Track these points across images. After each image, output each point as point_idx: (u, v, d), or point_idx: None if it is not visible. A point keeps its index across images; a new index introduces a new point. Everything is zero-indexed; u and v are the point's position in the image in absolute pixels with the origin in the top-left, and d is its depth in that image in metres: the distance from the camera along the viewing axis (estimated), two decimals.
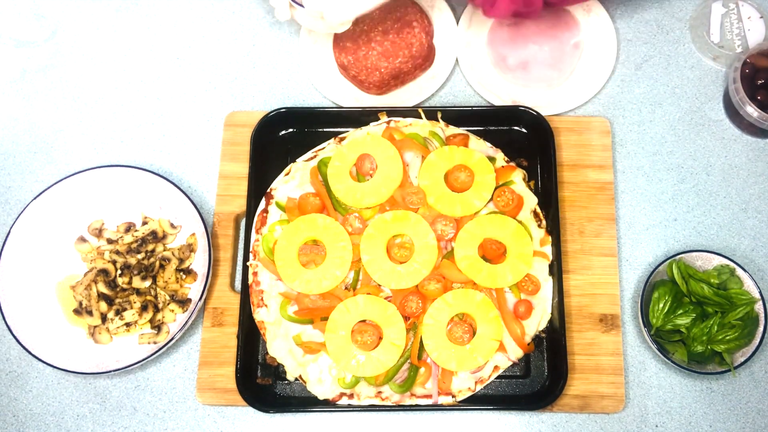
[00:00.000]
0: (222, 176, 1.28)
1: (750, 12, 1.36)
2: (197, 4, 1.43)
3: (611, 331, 1.19)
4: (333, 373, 1.14)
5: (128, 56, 1.40)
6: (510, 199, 1.19)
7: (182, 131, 1.35)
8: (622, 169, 1.29)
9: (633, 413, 1.17)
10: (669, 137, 1.31)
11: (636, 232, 1.26)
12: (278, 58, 1.39)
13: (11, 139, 1.36)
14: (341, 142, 1.25)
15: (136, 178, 1.24)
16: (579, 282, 1.21)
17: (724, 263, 1.17)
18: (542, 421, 1.17)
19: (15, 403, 1.21)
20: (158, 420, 1.19)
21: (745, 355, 1.13)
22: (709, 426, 1.17)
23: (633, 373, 1.19)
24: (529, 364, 1.18)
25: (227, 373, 1.18)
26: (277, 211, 1.22)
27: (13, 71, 1.40)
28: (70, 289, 1.22)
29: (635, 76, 1.35)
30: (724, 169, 1.29)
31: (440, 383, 1.13)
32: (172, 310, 1.21)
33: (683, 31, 1.38)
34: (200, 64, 1.39)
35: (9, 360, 1.23)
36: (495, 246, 1.16)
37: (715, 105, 1.33)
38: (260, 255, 1.19)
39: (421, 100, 1.32)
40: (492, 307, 1.14)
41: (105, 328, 1.20)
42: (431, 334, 1.13)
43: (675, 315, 1.15)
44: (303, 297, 1.16)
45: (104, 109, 1.37)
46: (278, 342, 1.15)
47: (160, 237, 1.25)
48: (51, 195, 1.22)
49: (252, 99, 1.37)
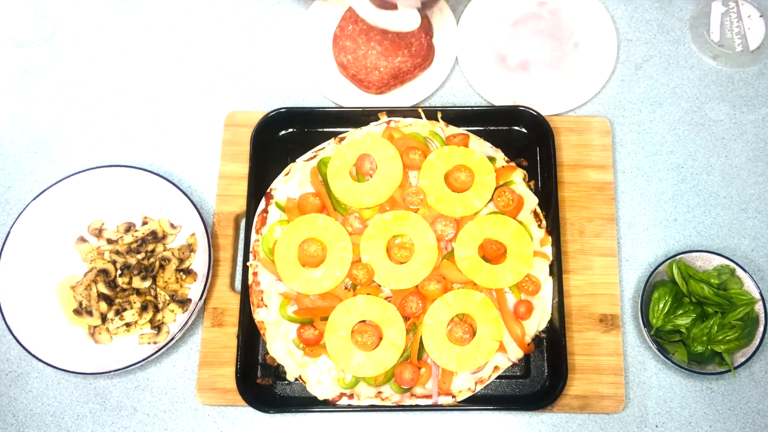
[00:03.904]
0: (222, 176, 1.28)
1: (750, 11, 1.36)
2: (197, 4, 1.43)
3: (611, 331, 1.19)
4: (333, 374, 1.14)
5: (128, 56, 1.40)
6: (510, 199, 1.19)
7: (182, 131, 1.35)
8: (622, 169, 1.29)
9: (633, 413, 1.17)
10: (669, 137, 1.31)
11: (636, 232, 1.26)
12: (278, 58, 1.39)
13: (11, 139, 1.36)
14: (341, 142, 1.25)
15: (136, 178, 1.24)
16: (579, 282, 1.21)
17: (724, 263, 1.17)
18: (542, 421, 1.17)
19: (15, 403, 1.21)
20: (158, 420, 1.19)
21: (745, 355, 1.13)
22: (709, 426, 1.17)
23: (633, 373, 1.19)
24: (529, 365, 1.18)
25: (227, 373, 1.18)
26: (277, 211, 1.22)
27: (13, 71, 1.40)
28: (70, 289, 1.22)
29: (635, 76, 1.35)
30: (724, 169, 1.29)
31: (440, 383, 1.13)
32: (172, 310, 1.21)
33: (683, 31, 1.38)
34: (200, 64, 1.39)
35: (9, 360, 1.23)
36: (495, 246, 1.16)
37: (715, 105, 1.33)
38: (260, 255, 1.19)
39: (420, 99, 1.32)
40: (492, 308, 1.14)
41: (105, 328, 1.20)
42: (431, 334, 1.13)
43: (675, 315, 1.15)
44: (303, 297, 1.16)
45: (104, 109, 1.37)
46: (278, 343, 1.15)
47: (160, 237, 1.25)
48: (51, 195, 1.22)
49: (252, 99, 1.36)
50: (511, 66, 1.33)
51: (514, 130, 1.29)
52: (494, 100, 1.32)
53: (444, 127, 1.25)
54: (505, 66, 1.33)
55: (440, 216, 1.18)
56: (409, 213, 1.18)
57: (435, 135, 1.23)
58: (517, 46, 1.32)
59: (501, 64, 1.34)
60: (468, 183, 1.20)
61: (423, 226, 1.17)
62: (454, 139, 1.23)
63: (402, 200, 1.20)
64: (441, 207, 1.18)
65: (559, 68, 1.32)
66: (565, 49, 1.32)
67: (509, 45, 1.33)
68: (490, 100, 1.32)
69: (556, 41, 1.32)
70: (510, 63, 1.33)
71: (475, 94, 1.34)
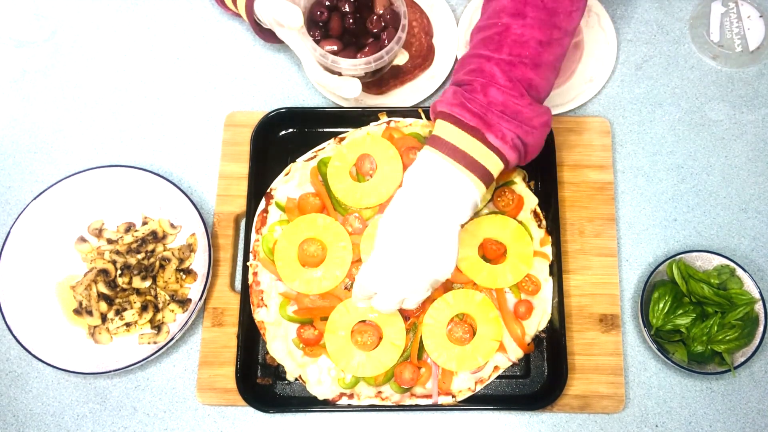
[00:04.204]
0: (222, 176, 1.28)
1: (750, 11, 1.36)
2: (197, 4, 1.43)
3: (611, 331, 1.19)
4: (332, 374, 1.14)
5: (128, 56, 1.40)
6: (510, 199, 1.19)
7: (182, 131, 1.35)
8: (622, 169, 1.30)
9: (633, 413, 1.17)
10: (669, 137, 1.31)
11: (636, 232, 1.26)
12: (278, 58, 1.39)
13: (11, 139, 1.36)
14: (341, 142, 1.25)
15: (136, 178, 1.24)
16: (579, 282, 1.21)
17: (724, 263, 1.17)
18: (542, 421, 1.17)
19: (15, 403, 1.21)
20: (158, 420, 1.19)
21: (745, 355, 1.13)
22: (709, 426, 1.17)
23: (633, 373, 1.19)
24: (529, 364, 1.19)
25: (227, 373, 1.18)
26: (277, 211, 1.22)
27: (13, 71, 1.40)
28: (70, 289, 1.22)
29: (635, 76, 1.35)
30: (724, 169, 1.29)
31: (440, 383, 1.13)
32: (172, 310, 1.21)
33: (683, 31, 1.38)
34: (200, 64, 1.39)
35: (9, 360, 1.23)
36: (495, 246, 1.16)
37: (715, 105, 1.33)
38: (260, 255, 1.19)
39: (420, 99, 1.32)
40: (492, 308, 1.14)
41: (105, 328, 1.20)
42: (431, 334, 1.13)
43: (675, 315, 1.15)
44: (303, 297, 1.16)
45: (104, 109, 1.37)
46: (278, 343, 1.15)
47: (160, 237, 1.25)
48: (51, 195, 1.22)
49: (252, 99, 1.37)
50: None
51: None
52: None
53: None
54: None
55: None
56: None
57: None
58: None
59: None
60: None
61: None
62: None
63: None
64: None
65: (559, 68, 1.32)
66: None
67: None
68: None
69: None
70: None
71: None
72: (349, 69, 1.18)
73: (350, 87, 1.19)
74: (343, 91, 1.20)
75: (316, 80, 1.21)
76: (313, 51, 1.17)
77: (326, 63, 1.18)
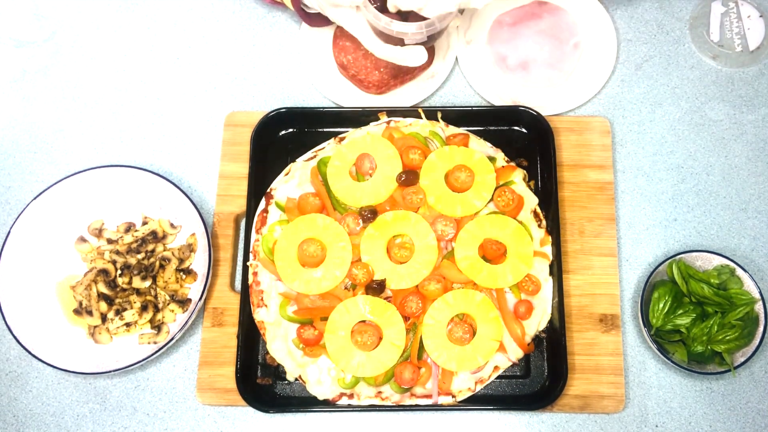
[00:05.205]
0: (222, 176, 1.28)
1: (750, 11, 1.36)
2: (197, 4, 1.43)
3: (611, 331, 1.19)
4: (332, 374, 1.14)
5: (128, 56, 1.40)
6: (510, 199, 1.19)
7: (182, 131, 1.35)
8: (622, 169, 1.29)
9: (633, 413, 1.17)
10: (669, 137, 1.31)
11: (636, 232, 1.26)
12: (278, 58, 1.39)
13: (11, 139, 1.36)
14: (341, 141, 1.25)
15: (136, 178, 1.24)
16: (579, 282, 1.21)
17: (724, 263, 1.17)
18: (542, 421, 1.17)
19: (15, 403, 1.21)
20: (158, 420, 1.19)
21: (745, 355, 1.13)
22: (709, 426, 1.17)
23: (633, 373, 1.19)
24: (529, 364, 1.18)
25: (227, 373, 1.18)
26: (277, 211, 1.22)
27: (13, 71, 1.40)
28: (70, 289, 1.22)
29: (635, 76, 1.35)
30: (724, 169, 1.29)
31: (440, 383, 1.13)
32: (172, 310, 1.21)
33: (683, 31, 1.38)
34: (200, 64, 1.39)
35: (9, 360, 1.23)
36: (495, 246, 1.16)
37: (715, 105, 1.33)
38: (260, 255, 1.19)
39: (420, 99, 1.32)
40: (492, 308, 1.14)
41: (105, 328, 1.20)
42: (431, 334, 1.13)
43: (675, 315, 1.15)
44: (303, 297, 1.16)
45: (104, 109, 1.37)
46: (278, 343, 1.15)
47: (160, 237, 1.25)
48: (51, 195, 1.22)
49: (252, 99, 1.37)
50: (511, 66, 1.33)
51: (514, 130, 1.29)
52: (494, 100, 1.32)
53: (444, 127, 1.25)
54: (505, 66, 1.33)
55: (440, 216, 1.18)
56: (409, 213, 1.18)
57: (435, 135, 1.23)
58: (517, 46, 1.32)
59: (501, 64, 1.34)
60: (468, 183, 1.20)
61: (423, 226, 1.17)
62: (454, 139, 1.23)
63: (402, 200, 1.20)
64: (441, 207, 1.18)
65: (559, 68, 1.32)
66: (565, 49, 1.32)
67: (509, 45, 1.33)
68: (490, 100, 1.32)
69: (556, 41, 1.32)
70: (510, 63, 1.33)
71: (475, 94, 1.34)
72: (416, 33, 1.17)
73: (416, 55, 1.20)
74: (409, 60, 1.21)
75: (382, 53, 1.21)
76: (377, 21, 1.16)
77: (391, 31, 1.17)
